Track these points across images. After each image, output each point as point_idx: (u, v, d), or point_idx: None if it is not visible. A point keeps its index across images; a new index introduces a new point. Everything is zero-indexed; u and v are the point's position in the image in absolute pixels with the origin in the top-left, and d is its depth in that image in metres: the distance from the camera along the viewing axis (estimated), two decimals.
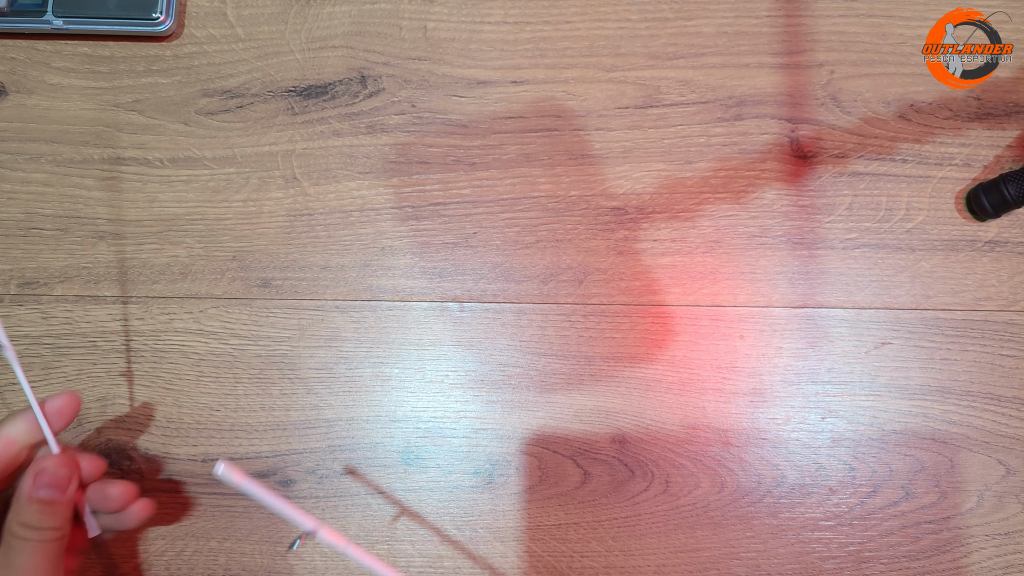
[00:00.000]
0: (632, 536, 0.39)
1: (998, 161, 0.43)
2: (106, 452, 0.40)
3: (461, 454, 0.40)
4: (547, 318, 0.41)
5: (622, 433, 0.40)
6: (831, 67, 0.44)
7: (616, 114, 0.44)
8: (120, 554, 0.40)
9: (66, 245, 0.42)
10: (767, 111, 0.44)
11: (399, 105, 0.44)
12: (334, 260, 0.42)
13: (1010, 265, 0.42)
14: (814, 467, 0.40)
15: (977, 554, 0.39)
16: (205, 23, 0.44)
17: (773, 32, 0.44)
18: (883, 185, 0.43)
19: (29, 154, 0.43)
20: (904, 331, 0.41)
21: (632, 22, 0.44)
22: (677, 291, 0.42)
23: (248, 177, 0.43)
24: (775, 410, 0.41)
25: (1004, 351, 0.41)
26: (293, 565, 0.39)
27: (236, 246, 0.42)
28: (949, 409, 0.41)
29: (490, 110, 0.44)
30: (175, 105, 0.44)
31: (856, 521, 0.40)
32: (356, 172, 0.43)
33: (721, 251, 0.42)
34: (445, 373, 0.41)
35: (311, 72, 0.44)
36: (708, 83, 0.44)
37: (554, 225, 0.42)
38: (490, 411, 0.40)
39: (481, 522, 0.39)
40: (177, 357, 0.41)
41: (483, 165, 0.43)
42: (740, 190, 0.43)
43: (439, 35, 0.44)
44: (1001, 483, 0.40)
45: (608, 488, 0.40)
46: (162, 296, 0.41)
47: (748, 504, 0.40)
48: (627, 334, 0.41)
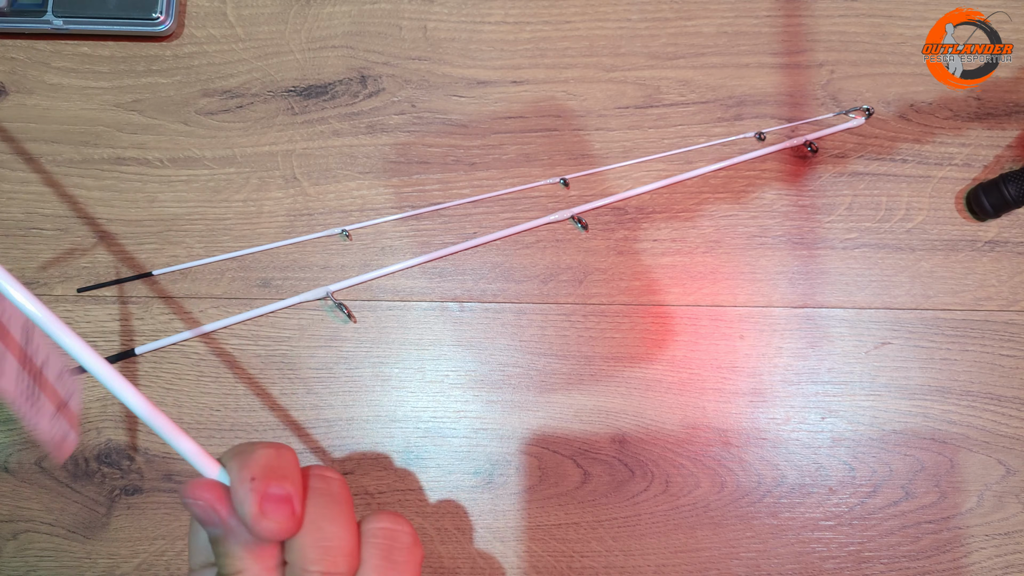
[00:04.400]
0: (632, 536, 0.39)
1: (998, 161, 0.43)
2: (106, 452, 0.40)
3: (461, 454, 0.40)
4: (547, 318, 0.41)
5: (622, 433, 0.40)
6: (831, 67, 0.44)
7: (616, 114, 0.44)
8: (121, 554, 0.40)
9: (66, 245, 0.42)
10: (767, 111, 0.44)
11: (399, 105, 0.44)
12: (334, 260, 0.42)
13: (1010, 265, 0.42)
14: (814, 467, 0.40)
15: (977, 554, 0.39)
16: (205, 23, 0.44)
17: (773, 32, 0.44)
18: (883, 185, 0.43)
19: (29, 154, 0.43)
20: (904, 331, 0.41)
21: (632, 22, 0.44)
22: (677, 291, 0.42)
23: (248, 177, 0.43)
24: (775, 410, 0.41)
25: (1004, 351, 0.41)
26: None
27: (236, 246, 0.42)
28: (949, 409, 0.41)
29: (490, 110, 0.44)
30: (175, 105, 0.44)
31: (856, 521, 0.40)
32: (356, 172, 0.43)
33: (721, 251, 0.42)
34: (445, 373, 0.41)
35: (311, 72, 0.44)
36: (708, 83, 0.44)
37: (554, 225, 0.42)
38: (490, 411, 0.40)
39: (481, 522, 0.39)
40: (177, 357, 0.41)
41: (483, 165, 0.43)
42: (740, 190, 0.43)
43: (439, 35, 0.44)
44: (1001, 483, 0.40)
45: (608, 488, 0.40)
46: (162, 296, 0.41)
47: (748, 504, 0.40)
48: (627, 334, 0.41)
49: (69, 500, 0.39)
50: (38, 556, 0.39)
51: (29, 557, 0.39)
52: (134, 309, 0.41)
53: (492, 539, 0.39)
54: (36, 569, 0.39)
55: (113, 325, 0.41)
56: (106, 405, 0.40)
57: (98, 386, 0.40)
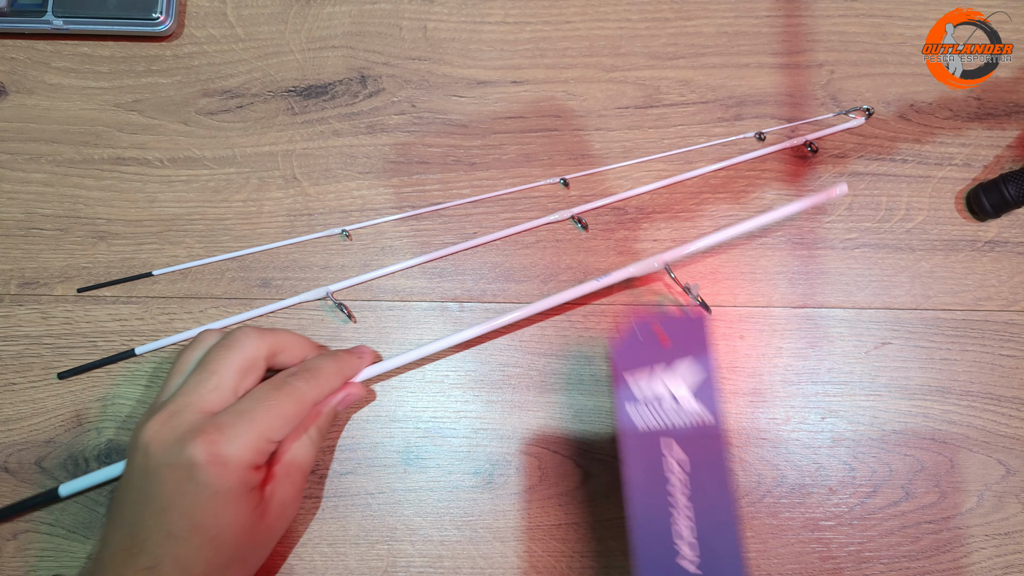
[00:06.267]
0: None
1: (998, 161, 0.43)
2: (106, 452, 0.40)
3: (461, 454, 0.40)
4: (547, 318, 0.41)
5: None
6: (831, 67, 0.44)
7: (616, 114, 0.44)
8: None
9: (66, 245, 0.42)
10: (767, 111, 0.44)
11: (399, 105, 0.44)
12: (334, 260, 0.42)
13: (1010, 265, 0.42)
14: (814, 467, 0.40)
15: (977, 554, 0.39)
16: (205, 23, 0.44)
17: (773, 32, 0.44)
18: (883, 185, 0.43)
19: (29, 154, 0.43)
20: (904, 331, 0.41)
21: (632, 22, 0.44)
22: (677, 291, 0.42)
23: (248, 177, 0.43)
24: (775, 410, 0.41)
25: (1004, 351, 0.41)
26: (293, 565, 0.39)
27: (236, 246, 0.42)
28: (949, 409, 0.41)
29: (490, 110, 0.44)
30: (175, 105, 0.44)
31: (856, 521, 0.40)
32: (356, 172, 0.43)
33: (721, 251, 0.42)
34: (445, 373, 0.41)
35: (311, 72, 0.44)
36: (708, 83, 0.44)
37: (554, 225, 0.42)
38: (490, 411, 0.40)
39: (481, 522, 0.39)
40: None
41: (483, 165, 0.43)
42: (740, 190, 0.43)
43: (439, 35, 0.44)
44: (1001, 483, 0.40)
45: (608, 488, 0.40)
46: (162, 296, 0.41)
47: (748, 504, 0.40)
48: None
49: (69, 500, 0.39)
50: (38, 556, 0.39)
51: (29, 557, 0.39)
52: (134, 309, 0.41)
53: (492, 539, 0.39)
54: (36, 569, 0.39)
55: (113, 325, 0.41)
56: (106, 405, 0.40)
57: (98, 386, 0.40)
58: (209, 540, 0.30)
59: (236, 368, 0.33)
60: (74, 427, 0.40)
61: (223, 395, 0.32)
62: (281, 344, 0.35)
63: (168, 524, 0.30)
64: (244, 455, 0.31)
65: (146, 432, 0.31)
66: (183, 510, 0.30)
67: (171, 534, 0.30)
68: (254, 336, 0.34)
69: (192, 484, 0.30)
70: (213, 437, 0.30)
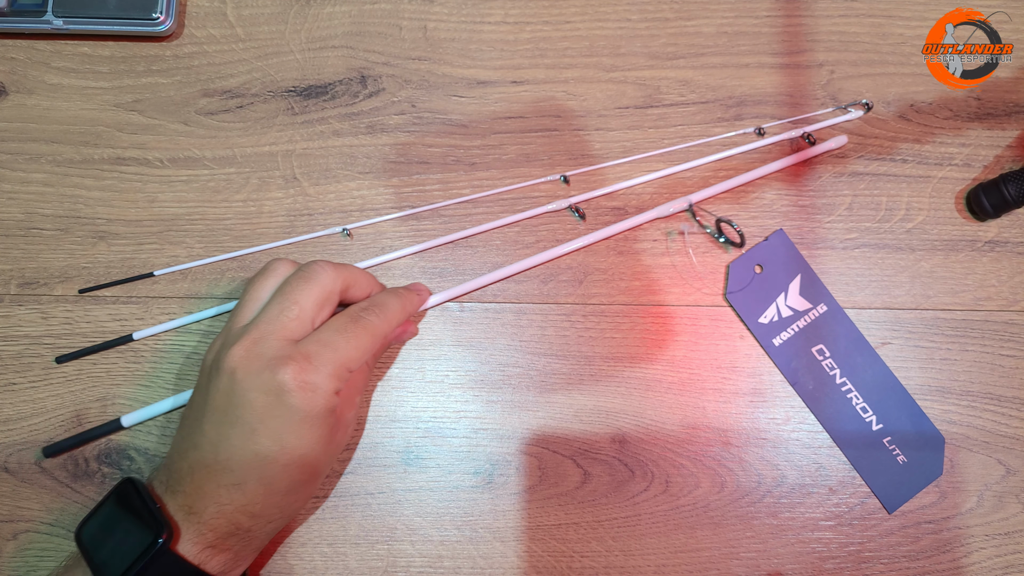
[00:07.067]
0: (632, 536, 0.39)
1: (998, 161, 0.43)
2: (106, 452, 0.40)
3: (461, 454, 0.40)
4: (547, 318, 0.41)
5: (622, 433, 0.40)
6: (831, 67, 0.44)
7: (616, 114, 0.44)
8: None
9: (66, 245, 0.42)
10: (767, 111, 0.44)
11: (399, 105, 0.44)
12: (334, 259, 0.42)
13: (1010, 265, 0.42)
14: (814, 467, 0.40)
15: (977, 554, 0.39)
16: (205, 23, 0.44)
17: (773, 32, 0.44)
18: (883, 185, 0.43)
19: (29, 154, 0.43)
20: (904, 331, 0.41)
21: (632, 22, 0.44)
22: (677, 291, 0.42)
23: (248, 177, 0.43)
24: (775, 410, 0.41)
25: (1004, 351, 0.41)
26: (293, 565, 0.39)
27: (236, 246, 0.42)
28: (949, 409, 0.41)
29: (490, 110, 0.44)
30: (175, 105, 0.44)
31: (856, 521, 0.40)
32: (356, 172, 0.43)
33: (721, 251, 0.42)
34: (445, 373, 0.41)
35: (311, 72, 0.44)
36: (708, 83, 0.44)
37: (554, 225, 0.42)
38: (490, 411, 0.40)
39: (481, 522, 0.39)
40: (177, 357, 0.41)
41: (483, 165, 0.43)
42: (740, 190, 0.43)
43: (439, 35, 0.44)
44: (1001, 483, 0.40)
45: (608, 488, 0.40)
46: (162, 296, 0.41)
47: (748, 504, 0.40)
48: (627, 334, 0.41)
49: (69, 500, 0.39)
50: (38, 556, 0.39)
51: (29, 557, 0.39)
52: (135, 309, 0.41)
53: (492, 539, 0.39)
54: (36, 569, 0.39)
55: (114, 325, 0.41)
56: (106, 405, 0.40)
57: (98, 386, 0.40)
58: (295, 459, 0.32)
59: (315, 300, 0.34)
60: (74, 427, 0.40)
61: (303, 325, 0.33)
62: (353, 279, 0.36)
63: (256, 444, 0.32)
64: (330, 382, 0.32)
65: (231, 357, 0.32)
66: (272, 432, 0.32)
67: (258, 454, 0.32)
68: (331, 270, 0.35)
69: (283, 408, 0.31)
70: (302, 365, 0.32)
